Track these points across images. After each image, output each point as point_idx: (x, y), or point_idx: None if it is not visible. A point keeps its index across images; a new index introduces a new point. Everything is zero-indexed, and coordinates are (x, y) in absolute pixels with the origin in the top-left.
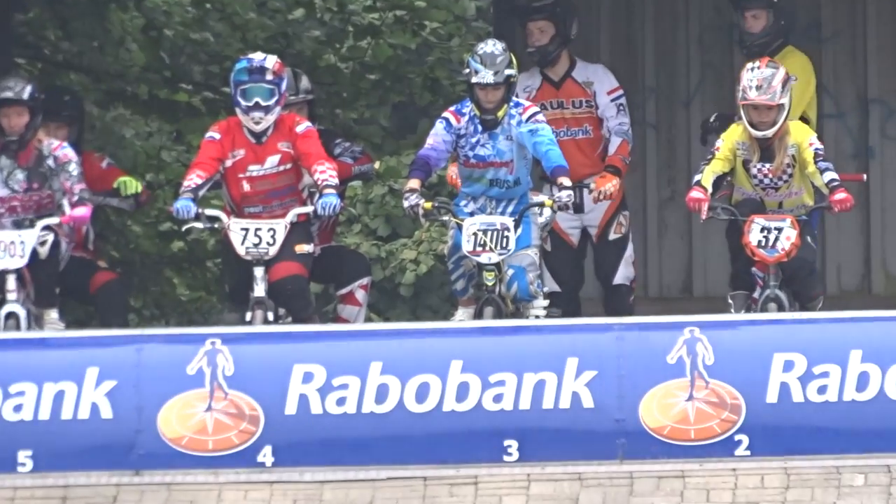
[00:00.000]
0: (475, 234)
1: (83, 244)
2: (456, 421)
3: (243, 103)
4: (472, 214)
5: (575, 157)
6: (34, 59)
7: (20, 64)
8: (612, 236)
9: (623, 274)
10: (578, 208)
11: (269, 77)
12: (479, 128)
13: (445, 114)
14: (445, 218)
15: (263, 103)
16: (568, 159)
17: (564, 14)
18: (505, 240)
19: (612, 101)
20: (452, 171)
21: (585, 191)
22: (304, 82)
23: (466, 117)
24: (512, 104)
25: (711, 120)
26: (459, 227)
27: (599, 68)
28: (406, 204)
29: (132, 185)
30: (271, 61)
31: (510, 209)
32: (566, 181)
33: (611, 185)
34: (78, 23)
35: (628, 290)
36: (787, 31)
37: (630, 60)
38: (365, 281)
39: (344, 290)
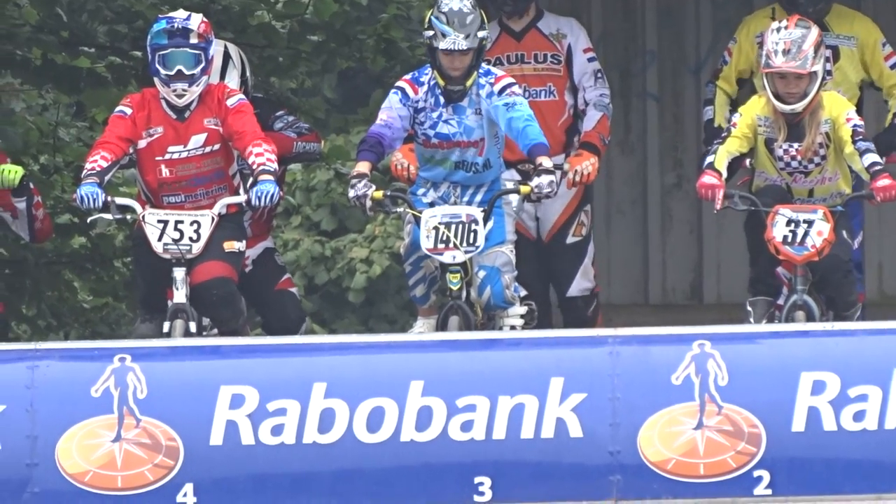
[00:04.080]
0: (436, 229)
1: None
2: (416, 453)
3: (163, 72)
4: (432, 205)
5: None
6: None
7: None
8: (571, 239)
9: (579, 286)
10: (547, 196)
11: (193, 40)
12: (442, 100)
13: (400, 83)
14: (400, 209)
15: (187, 72)
16: None
17: None
18: (472, 235)
19: (590, 62)
20: (397, 158)
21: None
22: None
23: (426, 87)
24: (481, 72)
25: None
26: (418, 220)
27: (573, 22)
28: (352, 193)
29: (10, 175)
30: (196, 21)
31: (479, 198)
32: (546, 162)
33: (588, 163)
34: None
35: (586, 301)
36: None
37: (627, 19)
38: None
39: None
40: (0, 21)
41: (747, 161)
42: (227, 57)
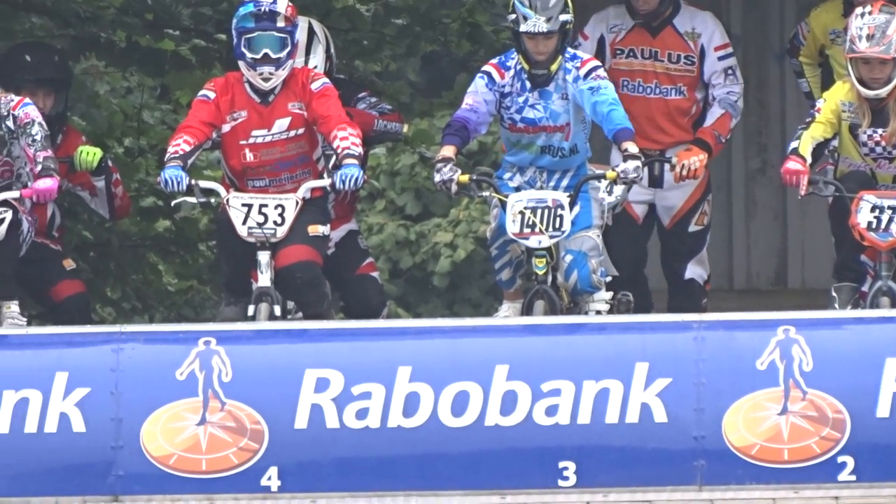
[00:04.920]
0: (522, 213)
1: (47, 229)
2: (501, 438)
3: (249, 56)
4: (518, 189)
5: (661, 120)
6: None
7: None
8: (693, 228)
9: (696, 270)
10: (656, 181)
11: (280, 24)
12: (528, 85)
13: (486, 67)
14: (486, 194)
15: (273, 55)
16: (652, 122)
17: None
18: (559, 219)
19: (720, 60)
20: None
21: (667, 165)
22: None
23: (512, 72)
24: (567, 56)
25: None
26: (504, 204)
27: (708, 17)
28: (438, 177)
29: (89, 157)
30: (283, 4)
31: (565, 182)
32: (632, 147)
33: (696, 159)
34: None
35: (701, 290)
36: None
37: (712, 4)
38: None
39: None
40: (85, 3)
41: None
42: (311, 33)
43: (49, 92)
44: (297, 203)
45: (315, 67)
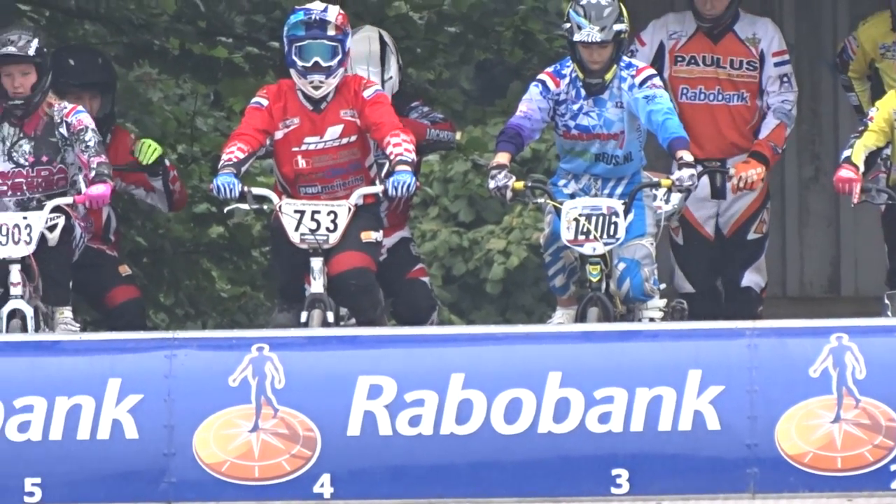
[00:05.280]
0: (577, 220)
1: (102, 235)
2: (554, 445)
3: (300, 64)
4: (572, 196)
5: (725, 127)
6: (40, 6)
7: (24, 12)
8: (752, 235)
9: (753, 278)
10: (719, 193)
11: (331, 32)
12: (583, 93)
13: (541, 75)
14: (540, 200)
15: (324, 64)
16: (716, 129)
17: None
18: (613, 227)
19: (777, 66)
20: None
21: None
22: (392, 68)
23: (567, 80)
24: (622, 65)
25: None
26: (558, 211)
27: (768, 23)
28: (492, 184)
29: (148, 150)
30: (333, 13)
31: (619, 190)
32: (687, 156)
33: (754, 171)
34: None
35: (758, 298)
36: None
37: (765, 12)
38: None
39: None
40: (138, 10)
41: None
42: (383, 44)
43: (95, 95)
44: (350, 209)
45: (390, 79)
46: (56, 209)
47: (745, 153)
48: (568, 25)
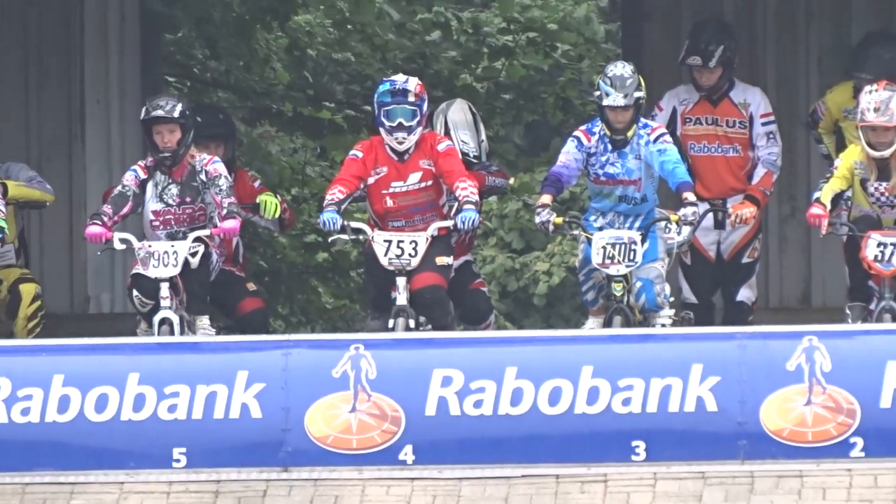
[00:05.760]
0: (604, 248)
1: (233, 258)
2: (587, 422)
3: (387, 124)
4: (601, 229)
5: (724, 173)
6: (183, 78)
7: (170, 82)
8: (746, 259)
9: (745, 293)
10: (720, 225)
11: (411, 99)
12: (609, 147)
13: (577, 132)
14: (576, 232)
15: (406, 124)
16: (717, 175)
17: (734, 55)
18: (632, 253)
19: (763, 125)
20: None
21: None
22: (483, 136)
23: (597, 136)
24: (640, 125)
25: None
26: (589, 240)
27: (757, 91)
28: (538, 219)
29: (272, 208)
30: (413, 83)
31: (637, 224)
32: (691, 196)
33: (748, 210)
34: (225, 42)
35: (749, 309)
36: None
37: (753, 80)
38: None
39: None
40: (260, 81)
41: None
42: (473, 114)
43: (219, 143)
44: (427, 239)
45: (483, 141)
46: (197, 239)
47: (741, 194)
48: (598, 93)
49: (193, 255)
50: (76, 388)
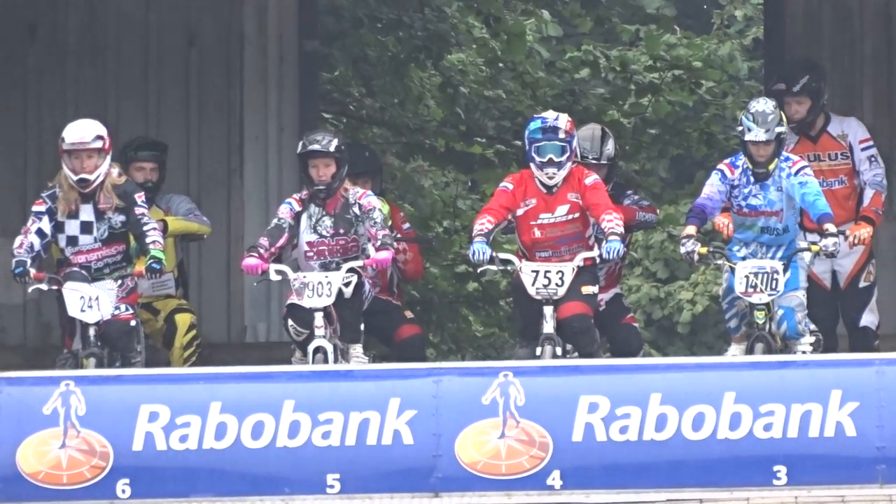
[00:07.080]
0: (747, 277)
1: (388, 288)
2: (729, 447)
3: (537, 159)
4: (744, 259)
5: (831, 206)
6: (340, 115)
7: (327, 119)
8: (862, 284)
9: (868, 318)
10: (830, 255)
11: (561, 135)
12: (752, 179)
13: (720, 166)
14: (720, 262)
15: (556, 159)
16: None
17: (820, 87)
18: (774, 282)
19: (863, 150)
20: (719, 218)
21: (841, 238)
22: (609, 147)
23: (740, 170)
24: (782, 158)
25: None
26: (733, 270)
27: (853, 121)
28: (683, 249)
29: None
30: (563, 121)
31: (779, 254)
32: (832, 228)
33: (865, 231)
34: (380, 81)
35: (874, 334)
36: None
37: (852, 107)
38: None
39: None
40: (414, 117)
41: None
42: (604, 132)
43: (366, 179)
44: (574, 269)
45: (608, 150)
46: (350, 270)
47: (847, 223)
48: (740, 128)
49: (347, 285)
50: (233, 416)
